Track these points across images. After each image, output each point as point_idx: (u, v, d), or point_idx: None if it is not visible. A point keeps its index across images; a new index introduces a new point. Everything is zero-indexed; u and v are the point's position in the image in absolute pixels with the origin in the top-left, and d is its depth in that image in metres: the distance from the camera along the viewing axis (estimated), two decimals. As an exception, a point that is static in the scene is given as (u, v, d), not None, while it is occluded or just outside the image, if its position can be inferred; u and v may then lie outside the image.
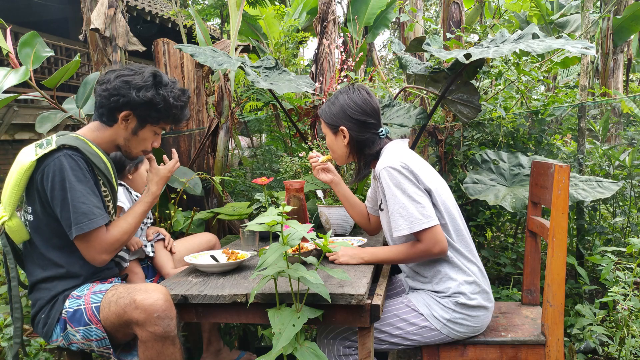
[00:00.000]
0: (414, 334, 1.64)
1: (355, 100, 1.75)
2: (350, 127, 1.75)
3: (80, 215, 1.55)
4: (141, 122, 1.73)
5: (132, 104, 1.67)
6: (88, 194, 1.58)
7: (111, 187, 1.73)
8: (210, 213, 2.72)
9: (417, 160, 1.69)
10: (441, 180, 1.73)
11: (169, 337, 1.46)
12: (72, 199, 1.55)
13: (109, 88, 1.67)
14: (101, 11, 3.41)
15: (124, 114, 1.69)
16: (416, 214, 1.57)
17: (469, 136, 3.18)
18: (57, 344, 1.62)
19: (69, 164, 1.56)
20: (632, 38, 6.58)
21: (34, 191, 1.60)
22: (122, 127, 1.72)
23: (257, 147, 4.97)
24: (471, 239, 1.73)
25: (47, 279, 1.63)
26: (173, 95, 1.73)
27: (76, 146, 1.60)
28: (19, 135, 8.20)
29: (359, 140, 1.76)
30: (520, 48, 2.21)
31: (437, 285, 1.66)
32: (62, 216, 1.57)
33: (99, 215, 1.58)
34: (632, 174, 2.89)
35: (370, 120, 1.76)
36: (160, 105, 1.70)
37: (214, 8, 7.86)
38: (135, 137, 1.75)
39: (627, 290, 2.12)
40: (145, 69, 1.73)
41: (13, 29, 2.74)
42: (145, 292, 1.47)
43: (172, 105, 1.73)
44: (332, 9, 3.93)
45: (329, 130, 1.81)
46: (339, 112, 1.76)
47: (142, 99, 1.66)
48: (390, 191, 1.61)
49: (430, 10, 13.93)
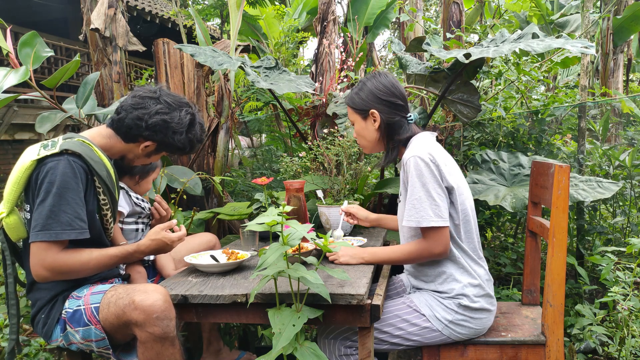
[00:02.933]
0: (415, 334, 1.64)
1: (384, 83, 1.75)
2: (380, 110, 1.74)
3: (54, 222, 1.50)
4: (158, 151, 1.80)
5: (158, 140, 1.73)
6: (75, 204, 1.54)
7: (111, 195, 1.71)
8: (210, 213, 2.72)
9: (444, 156, 1.68)
10: (463, 179, 1.72)
11: (168, 338, 1.46)
12: (53, 204, 1.50)
13: (148, 122, 1.68)
14: (101, 11, 3.41)
15: (148, 143, 1.74)
16: (428, 211, 1.57)
17: (469, 136, 3.18)
18: (57, 344, 1.62)
19: (64, 169, 1.54)
20: (632, 38, 6.58)
21: (31, 191, 1.59)
22: (138, 149, 1.76)
23: (257, 147, 4.97)
24: (480, 242, 1.73)
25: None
26: (197, 138, 1.81)
27: (79, 153, 1.59)
28: (19, 135, 8.20)
29: (390, 123, 1.75)
30: (520, 47, 2.21)
31: (440, 285, 1.65)
32: (34, 216, 1.52)
33: (77, 228, 1.54)
34: (632, 174, 2.89)
35: (400, 102, 1.75)
36: (185, 146, 1.78)
37: (214, 8, 7.86)
38: (147, 158, 1.82)
39: (627, 290, 2.12)
40: (183, 108, 1.76)
41: (13, 29, 2.74)
42: (144, 292, 1.46)
43: (193, 145, 1.81)
44: (332, 9, 3.93)
45: (358, 116, 1.79)
46: (369, 95, 1.76)
47: (172, 140, 1.74)
48: (412, 181, 1.60)
49: (430, 10, 13.93)
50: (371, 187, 3.31)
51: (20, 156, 1.63)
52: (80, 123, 2.77)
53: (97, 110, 2.74)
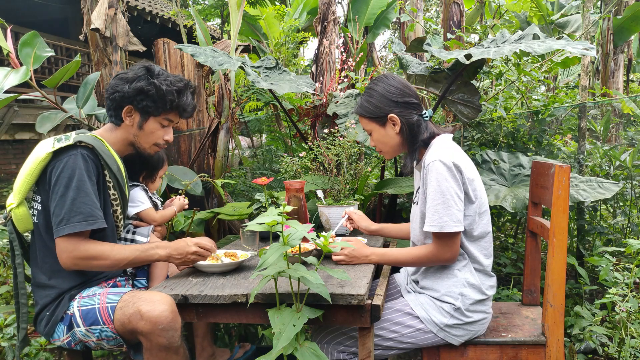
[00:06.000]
0: (409, 336, 1.62)
1: (393, 84, 1.70)
2: (398, 112, 1.68)
3: (77, 214, 1.54)
4: (143, 115, 1.75)
5: (128, 97, 1.71)
6: (93, 195, 1.59)
7: (121, 191, 1.74)
8: (211, 213, 2.72)
9: (466, 161, 1.65)
10: (481, 182, 1.69)
11: (172, 348, 1.47)
12: (74, 197, 1.55)
13: (108, 88, 1.74)
14: (101, 11, 3.41)
15: (126, 109, 1.73)
16: (451, 216, 1.55)
17: (469, 136, 3.18)
18: (59, 344, 1.63)
19: (79, 163, 1.59)
20: (633, 38, 6.58)
21: (45, 183, 1.62)
22: (129, 124, 1.76)
23: (257, 147, 4.97)
24: (492, 249, 1.71)
25: (51, 273, 1.64)
26: (166, 82, 1.74)
27: (92, 145, 1.64)
28: (19, 135, 8.20)
29: (410, 124, 1.69)
30: (521, 49, 2.21)
31: (442, 287, 1.64)
32: (55, 211, 1.56)
33: (99, 218, 1.59)
34: (632, 175, 2.89)
35: (414, 100, 1.70)
36: (152, 91, 1.71)
37: (214, 8, 7.86)
38: (142, 131, 1.77)
39: (626, 291, 2.12)
40: (140, 64, 1.78)
41: (13, 29, 2.74)
42: (151, 303, 1.46)
43: (165, 91, 1.73)
44: (332, 9, 3.93)
45: (375, 124, 1.72)
46: (381, 100, 1.69)
47: (135, 89, 1.70)
48: (434, 185, 1.57)
49: (430, 10, 13.93)
50: (371, 187, 3.31)
51: (24, 154, 1.64)
52: (81, 123, 2.77)
53: (98, 110, 2.75)
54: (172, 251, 1.67)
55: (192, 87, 1.84)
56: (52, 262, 1.64)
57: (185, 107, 1.80)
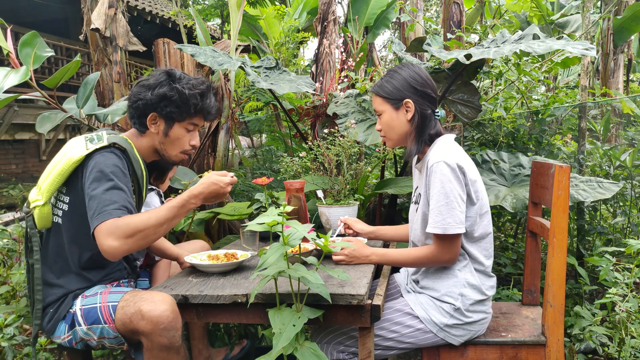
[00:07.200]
0: (409, 336, 1.62)
1: (419, 72, 1.68)
2: (415, 100, 1.66)
3: (112, 204, 1.51)
4: (168, 121, 1.73)
5: (152, 104, 1.69)
6: (127, 188, 1.58)
7: (139, 195, 1.74)
8: (211, 213, 2.72)
9: (468, 162, 1.65)
10: (482, 183, 1.68)
11: (173, 347, 1.47)
12: (107, 189, 1.52)
13: (130, 96, 1.72)
14: (101, 11, 3.41)
15: (150, 117, 1.71)
16: (452, 218, 1.55)
17: (469, 136, 3.18)
18: (60, 341, 1.64)
19: (114, 160, 1.59)
20: (633, 38, 6.58)
21: (78, 183, 1.61)
22: (154, 132, 1.74)
23: (257, 147, 4.97)
24: (492, 250, 1.71)
25: (61, 273, 1.65)
26: (188, 86, 1.72)
27: (125, 148, 1.65)
28: (19, 135, 8.20)
29: (423, 115, 1.67)
30: (521, 49, 2.21)
31: (442, 287, 1.64)
32: (90, 204, 1.53)
33: (132, 207, 1.57)
34: (632, 175, 2.89)
35: (433, 95, 1.69)
36: (175, 97, 1.69)
37: (214, 8, 7.86)
38: (168, 138, 1.75)
39: (626, 291, 2.12)
40: (160, 69, 1.76)
41: (13, 29, 2.74)
42: (152, 302, 1.46)
43: (188, 95, 1.70)
44: (332, 9, 3.93)
45: (389, 105, 1.70)
46: (403, 84, 1.67)
47: (157, 96, 1.68)
48: (438, 186, 1.57)
49: (430, 10, 13.94)
50: (371, 187, 3.31)
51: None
52: (81, 123, 2.77)
53: (98, 110, 2.74)
54: (207, 195, 1.65)
55: (215, 89, 1.83)
56: (63, 264, 1.66)
57: (209, 110, 1.78)
